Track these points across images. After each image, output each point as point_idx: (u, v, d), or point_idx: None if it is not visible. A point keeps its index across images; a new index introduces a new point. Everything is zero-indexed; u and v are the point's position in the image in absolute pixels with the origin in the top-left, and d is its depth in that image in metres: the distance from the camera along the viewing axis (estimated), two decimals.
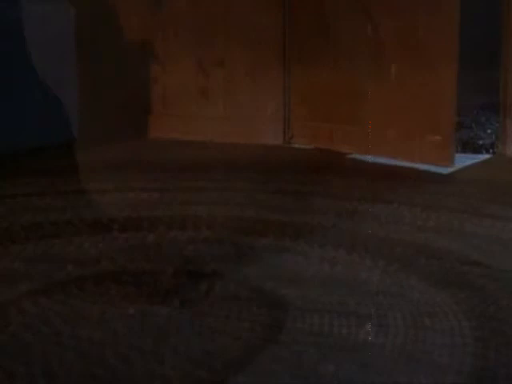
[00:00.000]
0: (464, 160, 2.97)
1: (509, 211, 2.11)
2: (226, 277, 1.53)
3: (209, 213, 2.07)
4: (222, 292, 1.45)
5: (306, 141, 3.27)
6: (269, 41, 3.31)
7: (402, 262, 1.63)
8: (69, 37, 3.70)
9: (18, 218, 2.04)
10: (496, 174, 2.74)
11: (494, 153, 3.16)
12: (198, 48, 3.48)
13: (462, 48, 3.10)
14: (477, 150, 3.26)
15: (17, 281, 1.52)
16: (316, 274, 1.56)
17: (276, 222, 1.98)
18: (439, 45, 2.84)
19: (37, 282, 1.51)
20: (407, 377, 1.08)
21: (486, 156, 3.12)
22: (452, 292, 1.43)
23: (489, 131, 3.80)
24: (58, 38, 3.65)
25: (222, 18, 3.41)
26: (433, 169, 2.73)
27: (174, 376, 1.09)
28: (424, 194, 2.38)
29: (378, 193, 2.34)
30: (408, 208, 2.17)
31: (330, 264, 1.62)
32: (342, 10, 3.14)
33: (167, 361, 1.13)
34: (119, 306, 1.37)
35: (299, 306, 1.36)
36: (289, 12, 3.31)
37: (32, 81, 3.48)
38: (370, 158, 2.88)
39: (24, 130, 3.44)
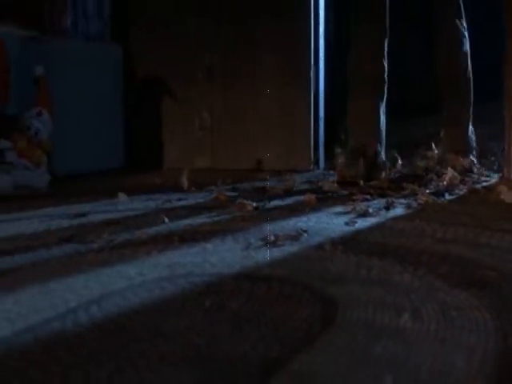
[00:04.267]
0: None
1: None
2: (281, 279, 1.71)
3: None
4: (279, 291, 1.63)
5: None
6: None
7: (428, 268, 1.80)
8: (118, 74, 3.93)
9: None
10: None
11: (500, 177, 3.33)
12: None
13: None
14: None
15: (76, 290, 1.70)
16: (355, 277, 1.74)
17: None
18: None
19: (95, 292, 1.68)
20: (443, 354, 1.24)
21: (493, 180, 3.30)
22: (473, 291, 1.60)
23: (492, 158, 3.99)
24: (108, 76, 3.88)
25: None
26: None
27: (254, 353, 1.26)
28: (440, 212, 2.56)
29: None
30: (427, 223, 2.35)
31: (367, 269, 1.80)
32: None
33: (244, 342, 1.31)
34: (197, 300, 1.55)
35: (346, 302, 1.54)
36: None
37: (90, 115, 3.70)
38: None
39: (84, 156, 3.66)
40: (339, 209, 2.61)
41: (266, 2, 3.79)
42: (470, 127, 3.67)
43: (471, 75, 3.60)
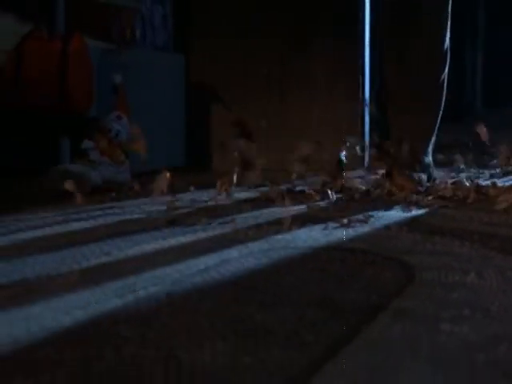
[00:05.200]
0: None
1: None
2: (362, 250, 2.10)
3: None
4: (364, 259, 2.01)
5: None
6: None
7: (482, 243, 2.18)
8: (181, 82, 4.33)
9: None
10: None
11: None
12: None
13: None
14: None
15: (200, 257, 2.09)
16: (423, 249, 2.12)
17: None
18: None
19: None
20: (505, 300, 1.62)
21: None
22: None
23: None
24: (173, 83, 4.28)
25: None
26: None
27: (360, 298, 1.63)
28: (481, 203, 2.94)
29: None
30: (472, 212, 2.73)
31: (431, 244, 2.18)
32: None
33: (349, 292, 1.69)
34: (300, 265, 1.94)
35: (420, 266, 1.92)
36: None
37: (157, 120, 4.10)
38: None
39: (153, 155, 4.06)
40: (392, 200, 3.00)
41: (320, 17, 4.19)
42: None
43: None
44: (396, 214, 2.70)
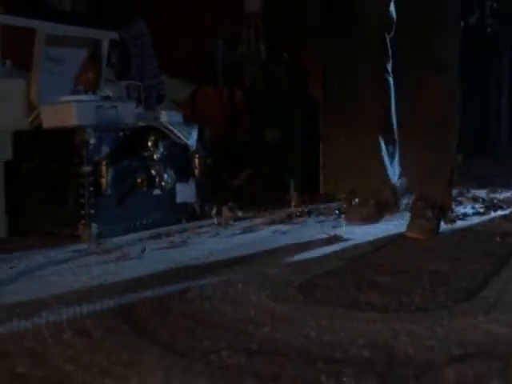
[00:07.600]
0: None
1: None
2: (482, 230, 3.27)
3: None
4: (489, 234, 3.15)
5: None
6: None
7: None
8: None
9: None
10: None
11: None
12: None
13: None
14: None
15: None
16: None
17: None
18: None
19: None
20: None
21: None
22: None
23: None
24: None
25: None
26: None
27: (498, 249, 2.81)
28: None
29: None
30: None
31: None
32: None
33: (490, 246, 2.86)
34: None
35: None
36: None
37: None
38: None
39: None
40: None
41: None
42: None
43: None
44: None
